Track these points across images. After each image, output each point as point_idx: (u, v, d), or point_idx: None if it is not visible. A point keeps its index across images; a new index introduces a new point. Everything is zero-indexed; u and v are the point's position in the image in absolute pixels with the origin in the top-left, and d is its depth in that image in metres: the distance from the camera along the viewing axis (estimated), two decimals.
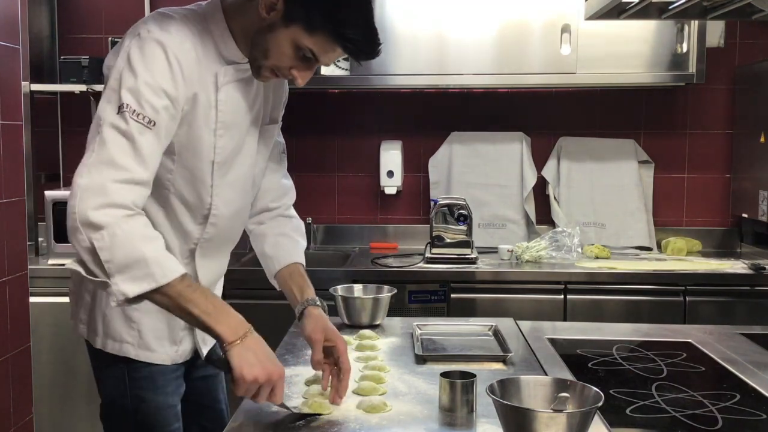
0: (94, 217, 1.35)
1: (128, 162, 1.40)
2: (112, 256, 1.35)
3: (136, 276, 1.35)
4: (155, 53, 1.44)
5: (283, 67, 1.52)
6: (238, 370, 1.36)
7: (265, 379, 1.38)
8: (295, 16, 1.46)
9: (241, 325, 1.40)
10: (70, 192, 1.40)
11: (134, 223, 1.39)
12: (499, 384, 1.29)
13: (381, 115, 3.60)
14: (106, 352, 1.65)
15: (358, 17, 1.47)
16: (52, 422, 3.02)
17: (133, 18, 3.98)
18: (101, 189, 1.36)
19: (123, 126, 1.40)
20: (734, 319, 2.88)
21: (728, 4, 2.01)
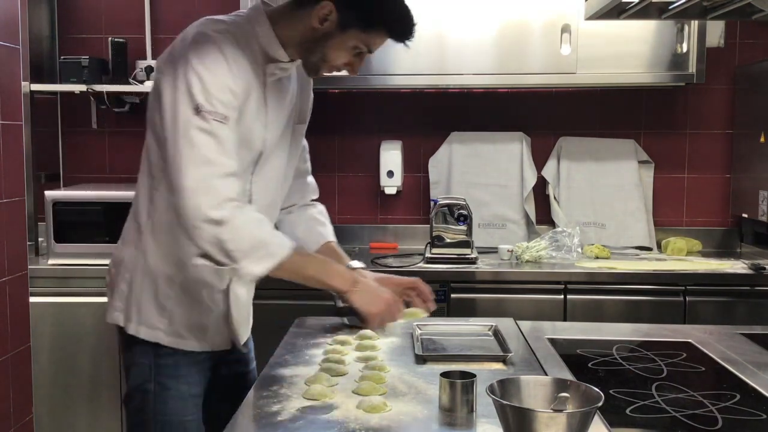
0: (215, 214, 1.54)
1: (219, 157, 1.57)
2: (238, 245, 1.56)
3: (260, 256, 1.59)
4: (215, 53, 1.60)
5: (340, 66, 1.74)
6: (364, 309, 1.73)
7: (386, 308, 1.74)
8: (350, 22, 1.66)
9: (349, 274, 1.75)
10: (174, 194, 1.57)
11: (247, 212, 1.60)
12: (499, 384, 1.29)
13: (381, 115, 3.60)
14: (137, 339, 1.74)
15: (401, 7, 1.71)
16: (52, 422, 3.02)
17: (133, 18, 3.98)
18: (208, 187, 1.55)
19: (205, 125, 1.56)
20: (734, 319, 2.88)
21: (728, 4, 2.02)
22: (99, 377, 3.02)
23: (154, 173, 1.71)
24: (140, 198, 1.76)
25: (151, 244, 1.72)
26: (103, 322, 2.94)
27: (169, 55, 1.66)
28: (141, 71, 3.44)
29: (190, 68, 1.58)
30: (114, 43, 3.39)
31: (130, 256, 1.75)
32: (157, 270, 1.72)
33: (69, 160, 3.64)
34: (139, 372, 1.76)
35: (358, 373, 1.67)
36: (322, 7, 1.65)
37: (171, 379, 1.74)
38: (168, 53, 1.68)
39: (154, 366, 1.74)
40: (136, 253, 1.74)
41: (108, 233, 3.04)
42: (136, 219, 1.76)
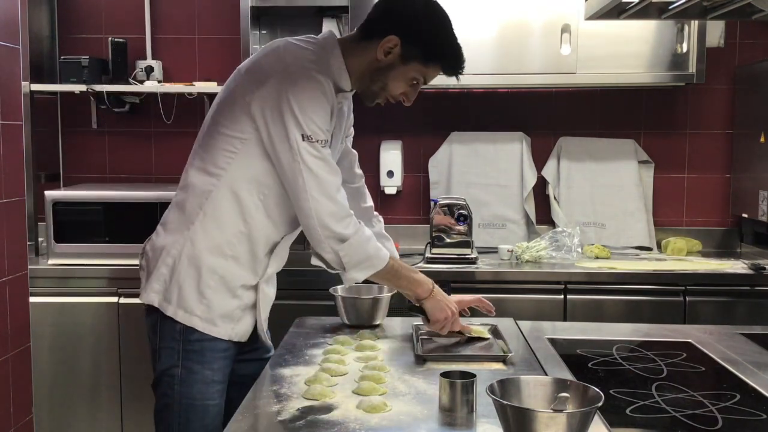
0: (340, 230, 1.82)
1: (329, 176, 1.82)
2: (350, 260, 1.86)
3: (364, 267, 1.88)
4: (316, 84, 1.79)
5: (397, 96, 1.94)
6: (432, 314, 1.95)
7: (450, 317, 1.96)
8: (412, 56, 1.86)
9: (427, 284, 1.98)
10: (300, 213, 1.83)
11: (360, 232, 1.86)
12: (499, 384, 1.29)
13: (381, 115, 3.60)
14: (169, 322, 1.84)
15: (456, 46, 1.91)
16: (52, 422, 3.02)
17: (133, 18, 3.98)
18: (330, 206, 1.81)
19: (316, 153, 1.79)
20: (734, 319, 2.88)
21: (728, 4, 2.02)
22: (99, 377, 3.02)
23: (212, 170, 1.84)
24: (192, 191, 1.87)
25: (200, 235, 1.84)
26: (103, 322, 2.98)
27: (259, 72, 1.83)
28: (141, 71, 3.44)
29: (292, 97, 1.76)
30: (114, 43, 3.39)
31: (175, 243, 1.85)
32: (202, 259, 1.83)
33: (69, 160, 3.64)
34: (168, 355, 1.85)
35: (358, 373, 1.67)
36: (388, 41, 1.84)
37: (197, 364, 1.84)
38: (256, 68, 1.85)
39: (182, 351, 1.84)
40: (183, 241, 1.85)
41: (108, 233, 3.04)
42: (184, 209, 1.87)
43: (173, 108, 3.52)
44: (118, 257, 3.01)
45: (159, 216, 1.99)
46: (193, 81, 3.50)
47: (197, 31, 3.57)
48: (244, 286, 1.89)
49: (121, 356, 3.00)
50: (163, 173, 3.61)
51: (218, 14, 3.55)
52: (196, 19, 3.57)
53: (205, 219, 1.84)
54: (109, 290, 3.00)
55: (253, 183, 1.84)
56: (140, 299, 1.90)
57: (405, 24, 1.86)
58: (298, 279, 2.56)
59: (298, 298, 2.65)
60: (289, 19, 3.48)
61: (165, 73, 3.54)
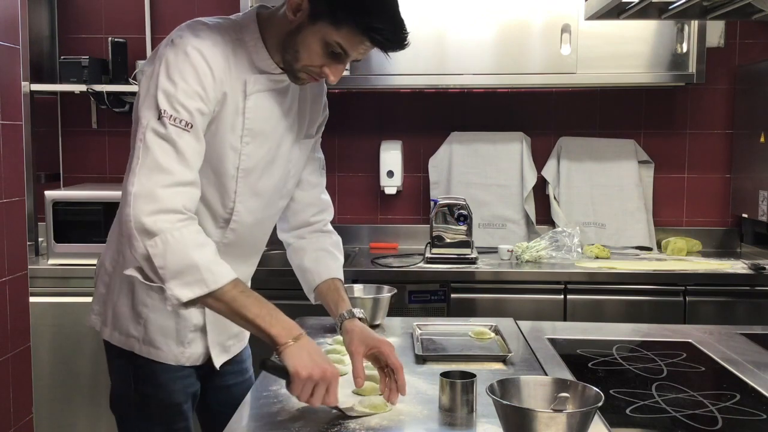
0: (149, 224, 1.41)
1: (173, 165, 1.45)
2: (166, 263, 1.41)
3: (189, 282, 1.41)
4: (188, 58, 1.49)
5: (315, 66, 1.54)
6: (293, 368, 1.39)
7: (320, 377, 1.40)
8: (320, 13, 1.48)
9: (294, 328, 1.45)
10: (122, 200, 1.47)
11: (186, 230, 1.44)
12: (499, 384, 1.29)
13: (381, 115, 3.60)
14: (114, 345, 1.68)
15: (383, 8, 1.49)
16: (52, 422, 3.02)
17: (133, 18, 3.98)
18: (151, 195, 1.42)
19: (163, 131, 1.45)
20: (734, 319, 2.88)
21: (728, 4, 2.01)
22: (99, 377, 3.02)
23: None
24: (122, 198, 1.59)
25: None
26: None
27: (150, 57, 1.58)
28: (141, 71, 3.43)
29: (161, 71, 1.48)
30: (114, 43, 3.39)
31: (111, 260, 1.69)
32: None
33: (69, 160, 3.64)
34: (120, 378, 1.71)
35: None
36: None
37: (151, 388, 1.67)
38: (151, 56, 1.59)
39: (133, 375, 1.68)
40: (117, 257, 1.67)
41: (108, 233, 3.03)
42: (119, 220, 1.65)
43: None
44: None
45: None
46: None
47: None
48: None
49: None
50: None
51: (218, 14, 3.54)
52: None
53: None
54: None
55: None
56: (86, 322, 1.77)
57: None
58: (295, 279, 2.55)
59: (298, 298, 2.63)
60: None
61: None
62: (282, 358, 1.42)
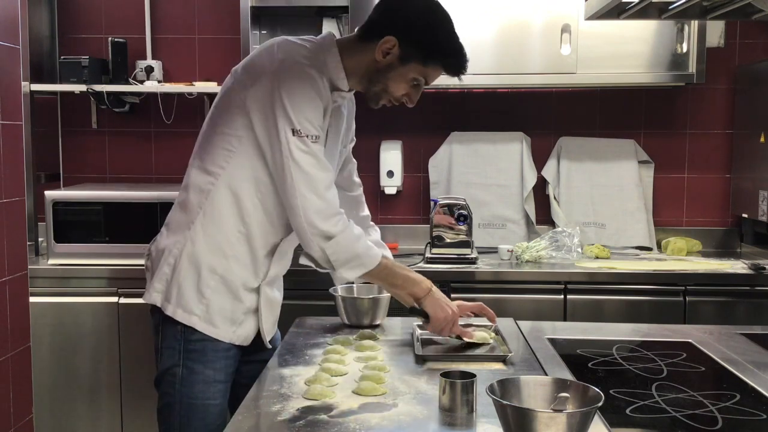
0: (326, 228, 1.79)
1: (319, 173, 1.79)
2: (338, 257, 1.82)
3: (353, 266, 1.84)
4: (306, 79, 1.78)
5: (399, 97, 1.91)
6: (433, 313, 1.89)
7: (451, 318, 1.90)
8: (411, 56, 1.84)
9: (425, 283, 1.92)
10: (288, 210, 1.81)
11: (348, 230, 1.83)
12: (499, 384, 1.29)
13: (381, 115, 3.59)
14: (171, 322, 1.84)
15: (457, 45, 1.88)
16: (52, 422, 3.02)
17: (133, 18, 3.98)
18: (317, 202, 1.78)
19: (305, 147, 1.77)
20: (734, 319, 2.88)
21: (728, 4, 2.02)
22: (99, 377, 3.02)
23: (211, 169, 1.84)
24: (192, 191, 1.87)
25: (200, 234, 1.84)
26: (103, 322, 2.98)
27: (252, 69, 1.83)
28: (141, 71, 3.44)
29: (284, 92, 1.75)
30: (114, 43, 3.39)
31: (177, 243, 1.86)
32: (201, 259, 1.83)
33: (69, 160, 3.64)
34: (169, 355, 1.86)
35: (358, 373, 1.67)
36: (385, 42, 1.82)
37: (198, 364, 1.84)
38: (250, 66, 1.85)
39: (183, 350, 1.84)
40: (184, 242, 1.85)
41: (108, 233, 3.04)
42: (185, 210, 1.87)
43: (173, 108, 3.52)
44: (118, 257, 3.01)
45: (159, 216, 2.00)
46: (193, 81, 3.50)
47: (197, 31, 3.57)
48: (246, 288, 1.89)
49: (121, 356, 3.00)
50: (163, 173, 3.61)
51: (218, 14, 3.55)
52: (196, 19, 3.57)
53: (204, 218, 1.85)
54: (109, 290, 3.00)
55: (251, 182, 1.84)
56: (143, 299, 1.91)
57: (402, 24, 1.84)
58: (298, 279, 2.55)
59: (298, 298, 2.64)
60: (289, 19, 3.48)
61: (165, 73, 3.54)
62: (423, 306, 1.91)
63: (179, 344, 1.85)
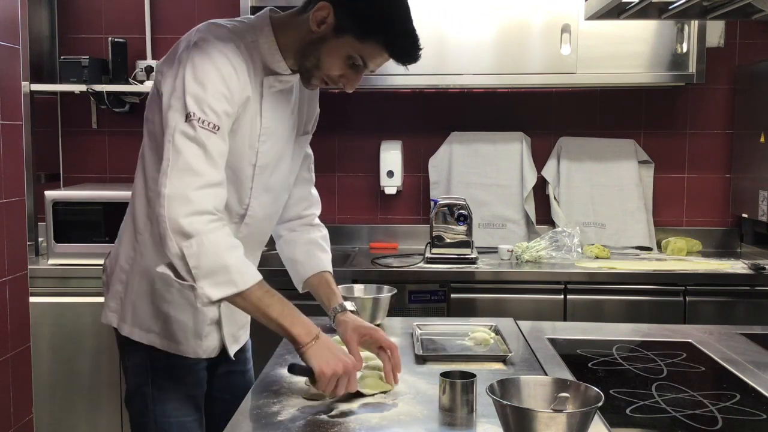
0: (185, 225, 1.47)
1: (203, 167, 1.51)
2: (199, 263, 1.47)
3: (220, 282, 1.49)
4: (214, 61, 1.55)
5: (333, 76, 1.65)
6: (318, 367, 1.50)
7: (343, 371, 1.51)
8: (345, 28, 1.58)
9: (313, 328, 1.55)
10: (155, 201, 1.52)
11: (220, 232, 1.51)
12: (499, 384, 1.29)
13: (381, 115, 3.60)
14: (132, 341, 1.72)
15: (404, 24, 1.61)
16: (52, 422, 3.02)
17: (133, 18, 3.98)
18: (184, 197, 1.48)
19: (192, 133, 1.51)
20: (734, 319, 2.88)
21: (728, 4, 2.01)
22: (99, 377, 3.02)
23: (150, 174, 1.66)
24: (137, 199, 1.72)
25: (149, 246, 1.68)
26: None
27: (168, 58, 1.63)
28: (141, 71, 3.44)
29: (188, 73, 1.53)
30: (114, 43, 3.39)
31: (127, 257, 1.72)
32: (153, 272, 1.63)
33: (69, 160, 3.64)
34: (136, 374, 1.75)
35: (358, 373, 1.67)
36: (319, 8, 1.58)
37: (168, 381, 1.73)
38: (168, 55, 1.64)
39: (150, 368, 1.73)
40: (134, 254, 1.71)
41: (108, 233, 3.04)
42: (134, 220, 1.72)
43: None
44: None
45: None
46: None
47: None
48: None
49: None
50: None
51: (218, 14, 3.54)
52: (196, 19, 3.56)
53: (151, 228, 1.67)
54: None
55: None
56: (101, 319, 1.78)
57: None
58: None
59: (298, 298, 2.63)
60: None
61: None
62: (305, 358, 1.52)
63: (145, 363, 1.73)
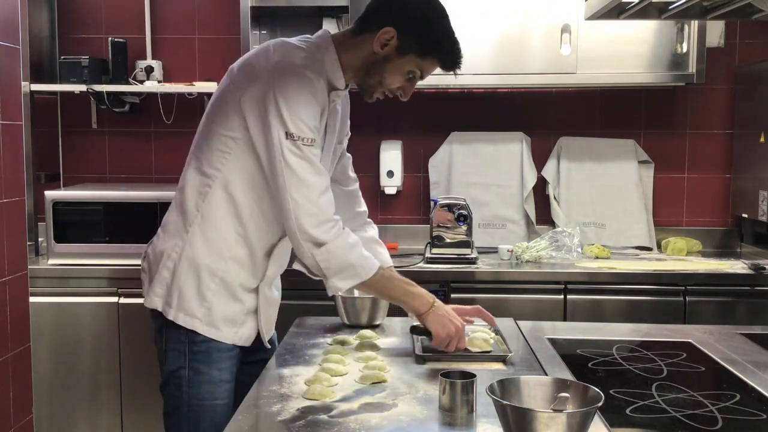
0: (317, 234, 1.75)
1: (312, 177, 1.76)
2: (330, 265, 1.77)
3: (347, 276, 1.79)
4: (304, 82, 1.76)
5: (394, 90, 1.89)
6: (436, 330, 1.82)
7: (455, 332, 1.82)
8: (408, 48, 1.82)
9: (429, 297, 1.86)
10: (281, 213, 1.78)
11: (342, 238, 1.78)
12: (499, 384, 1.29)
13: (381, 115, 3.60)
14: (174, 325, 1.84)
15: (454, 41, 1.85)
16: (52, 422, 3.02)
17: (133, 18, 3.97)
18: (310, 208, 1.75)
19: (298, 151, 1.74)
20: (734, 319, 2.88)
21: (728, 4, 2.02)
22: (99, 377, 3.02)
23: (208, 171, 1.83)
24: (189, 192, 1.86)
25: (198, 237, 1.83)
26: (103, 322, 2.98)
27: (248, 70, 1.82)
28: (141, 71, 3.44)
29: (279, 95, 1.73)
30: (114, 43, 3.39)
31: (175, 246, 1.86)
32: (201, 261, 1.83)
33: (69, 160, 3.64)
34: (174, 357, 1.85)
35: (358, 373, 1.67)
36: (384, 33, 1.80)
37: (204, 365, 1.84)
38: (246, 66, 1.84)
39: (188, 352, 1.84)
40: (182, 244, 1.85)
41: (108, 233, 3.04)
42: (182, 212, 1.87)
43: (173, 108, 3.52)
44: (118, 257, 3.01)
45: (159, 216, 1.99)
46: (193, 81, 3.50)
47: (197, 31, 3.57)
48: (244, 289, 1.88)
49: (121, 356, 3.00)
50: (163, 173, 3.61)
51: (218, 14, 3.56)
52: (196, 19, 3.57)
53: (202, 221, 1.84)
54: (109, 290, 3.00)
55: (247, 183, 1.82)
56: (144, 303, 1.90)
57: (402, 15, 1.82)
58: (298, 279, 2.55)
59: (298, 298, 2.64)
60: (289, 19, 3.48)
61: (165, 73, 3.54)
62: (425, 323, 1.84)
63: (184, 347, 1.84)
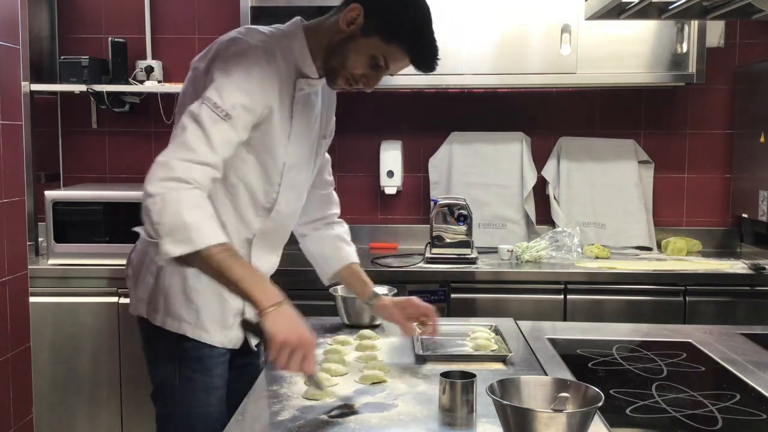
0: (153, 187, 1.50)
1: (198, 145, 1.56)
2: (161, 219, 1.49)
3: (179, 239, 1.49)
4: (245, 57, 1.64)
5: (356, 74, 1.74)
6: (270, 332, 1.47)
7: (296, 342, 1.47)
8: (374, 29, 1.69)
9: (276, 294, 1.53)
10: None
11: (186, 192, 1.51)
12: (499, 384, 1.29)
13: (381, 115, 3.60)
14: (162, 331, 1.78)
15: (427, 35, 1.73)
16: (52, 422, 3.02)
17: (133, 18, 3.97)
18: (167, 164, 1.53)
19: (198, 114, 1.58)
20: (734, 319, 2.88)
21: (728, 4, 2.02)
22: (99, 377, 3.02)
23: None
24: None
25: None
26: (103, 322, 2.98)
27: (203, 56, 1.75)
28: (141, 71, 3.44)
29: (218, 65, 1.64)
30: (114, 43, 3.39)
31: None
32: None
33: (69, 160, 3.64)
34: (164, 366, 1.80)
35: (358, 373, 1.67)
36: (351, 9, 1.69)
37: (196, 372, 1.79)
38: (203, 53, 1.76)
39: (178, 358, 1.78)
40: None
41: (108, 233, 3.04)
42: None
43: (173, 108, 3.52)
44: (118, 257, 3.00)
45: None
46: None
47: (197, 31, 3.57)
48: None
49: (121, 356, 3.00)
50: None
51: (218, 14, 3.55)
52: (196, 19, 3.57)
53: None
54: (109, 290, 3.00)
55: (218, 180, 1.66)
56: (129, 311, 1.85)
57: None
58: (298, 279, 2.56)
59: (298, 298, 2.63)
60: (289, 19, 3.47)
61: (165, 73, 3.54)
62: (261, 323, 1.48)
63: (173, 353, 1.78)
